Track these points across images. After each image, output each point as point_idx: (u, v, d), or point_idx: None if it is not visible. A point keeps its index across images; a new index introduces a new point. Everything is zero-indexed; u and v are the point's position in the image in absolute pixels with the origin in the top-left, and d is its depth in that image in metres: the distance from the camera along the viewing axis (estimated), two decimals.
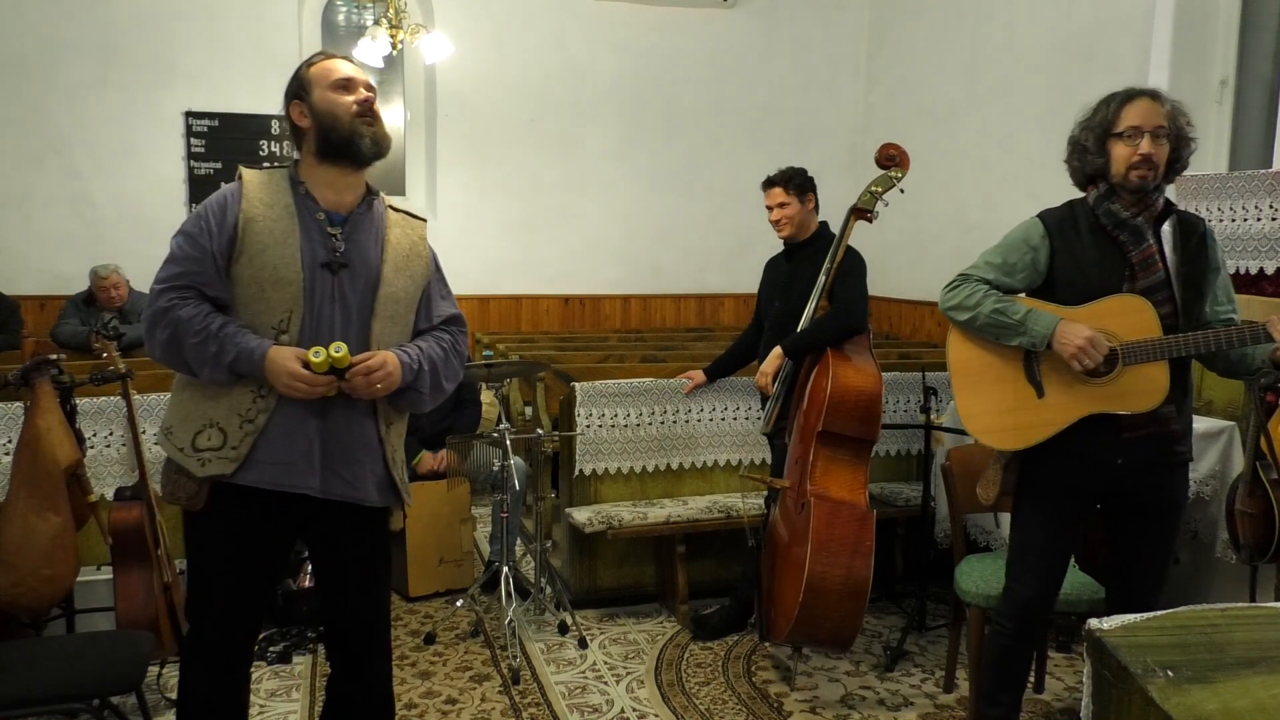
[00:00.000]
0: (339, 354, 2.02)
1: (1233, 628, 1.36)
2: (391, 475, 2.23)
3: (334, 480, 2.14)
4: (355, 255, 2.15)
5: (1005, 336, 2.47)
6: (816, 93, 7.52)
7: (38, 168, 6.12)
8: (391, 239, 2.22)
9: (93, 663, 2.46)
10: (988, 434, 2.53)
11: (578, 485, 4.08)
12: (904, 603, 4.08)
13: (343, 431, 2.14)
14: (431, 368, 2.21)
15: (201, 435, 2.09)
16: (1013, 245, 2.53)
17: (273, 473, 2.09)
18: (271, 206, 2.12)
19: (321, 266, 2.11)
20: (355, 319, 2.15)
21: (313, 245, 2.11)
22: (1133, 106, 2.38)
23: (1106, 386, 2.38)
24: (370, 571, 2.31)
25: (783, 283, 3.73)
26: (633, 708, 3.22)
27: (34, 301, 6.03)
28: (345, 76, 2.17)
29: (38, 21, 6.07)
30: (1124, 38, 4.84)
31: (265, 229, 2.09)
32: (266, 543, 2.20)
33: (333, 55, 2.23)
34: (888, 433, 4.32)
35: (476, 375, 3.82)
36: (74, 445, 2.98)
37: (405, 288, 2.23)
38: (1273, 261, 3.66)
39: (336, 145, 2.13)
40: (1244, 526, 3.17)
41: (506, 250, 7.09)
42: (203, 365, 2.05)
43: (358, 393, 2.09)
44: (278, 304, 2.08)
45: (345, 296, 2.13)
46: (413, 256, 2.26)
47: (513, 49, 6.96)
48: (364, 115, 2.14)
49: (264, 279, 2.07)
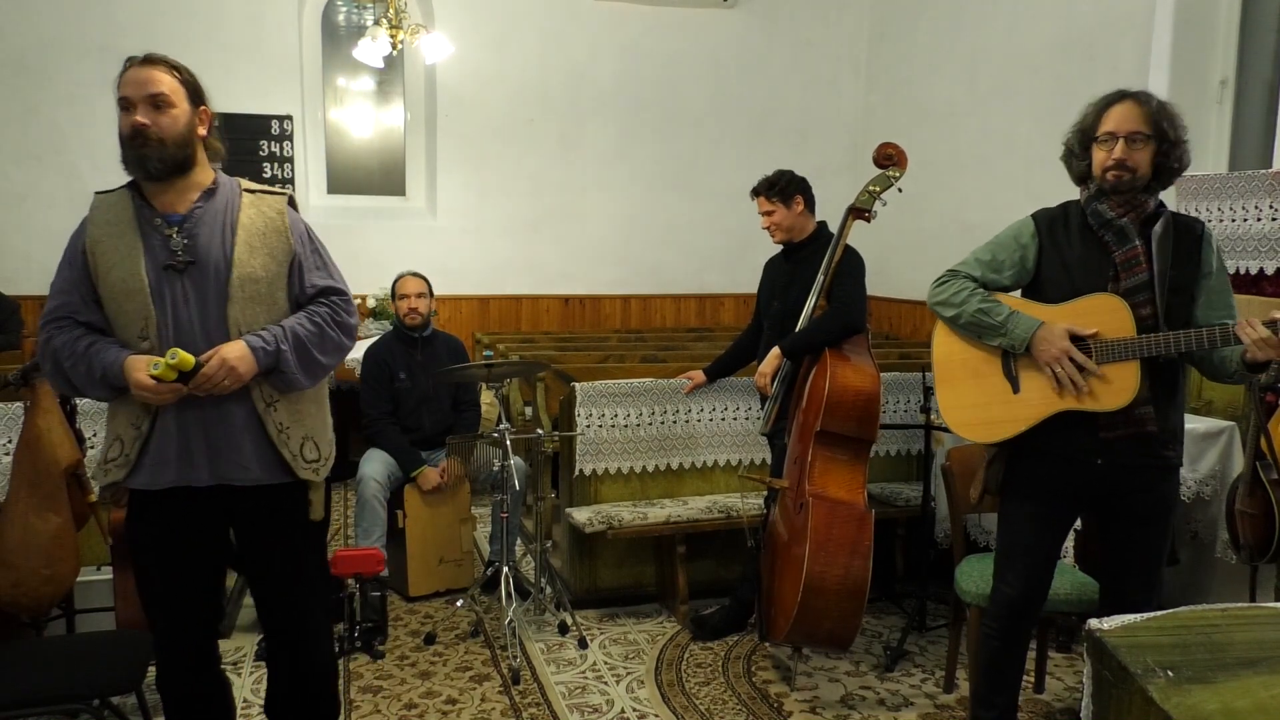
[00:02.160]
0: (174, 360, 2.06)
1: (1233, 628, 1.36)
2: (279, 452, 2.24)
3: (222, 466, 2.20)
4: (199, 249, 2.18)
5: (986, 336, 2.51)
6: (816, 93, 7.52)
7: (38, 167, 6.12)
8: (244, 220, 2.23)
9: (93, 663, 2.46)
10: (963, 427, 2.58)
11: (578, 485, 4.08)
12: (904, 603, 4.08)
13: (219, 419, 2.19)
14: (296, 344, 2.21)
15: (111, 448, 2.21)
16: (1003, 243, 2.58)
17: (154, 473, 2.18)
18: (115, 224, 2.18)
19: (164, 269, 2.16)
20: (212, 310, 2.18)
21: (153, 251, 2.16)
22: (1112, 111, 2.41)
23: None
24: (291, 555, 2.35)
25: (782, 283, 3.73)
26: (633, 708, 3.22)
27: (34, 301, 6.02)
28: (122, 96, 2.17)
29: (38, 21, 6.07)
30: (1124, 38, 4.84)
31: (110, 247, 2.16)
32: (192, 538, 2.26)
33: (135, 64, 2.18)
34: (888, 433, 4.32)
35: (476, 375, 3.82)
36: (74, 445, 2.98)
37: (264, 265, 2.23)
38: (1273, 261, 3.66)
39: (123, 162, 2.20)
40: (1244, 526, 3.17)
41: (506, 250, 7.09)
42: (85, 386, 2.17)
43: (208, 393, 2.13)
44: (134, 314, 2.15)
45: (198, 293, 2.17)
46: (269, 233, 2.25)
47: (513, 49, 6.97)
48: (133, 139, 2.14)
49: (118, 293, 2.15)
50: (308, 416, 2.30)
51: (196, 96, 2.23)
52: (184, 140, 2.18)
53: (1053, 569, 2.63)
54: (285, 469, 2.25)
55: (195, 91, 2.24)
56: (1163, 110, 2.40)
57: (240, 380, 2.14)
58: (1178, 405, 2.48)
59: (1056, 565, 2.71)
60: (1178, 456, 2.51)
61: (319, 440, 2.32)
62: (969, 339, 2.58)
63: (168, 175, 2.17)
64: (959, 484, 3.18)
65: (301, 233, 2.33)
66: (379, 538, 3.99)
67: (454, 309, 6.88)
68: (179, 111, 2.17)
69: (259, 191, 2.31)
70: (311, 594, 2.41)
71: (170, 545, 2.24)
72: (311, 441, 2.30)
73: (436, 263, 5.90)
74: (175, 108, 2.17)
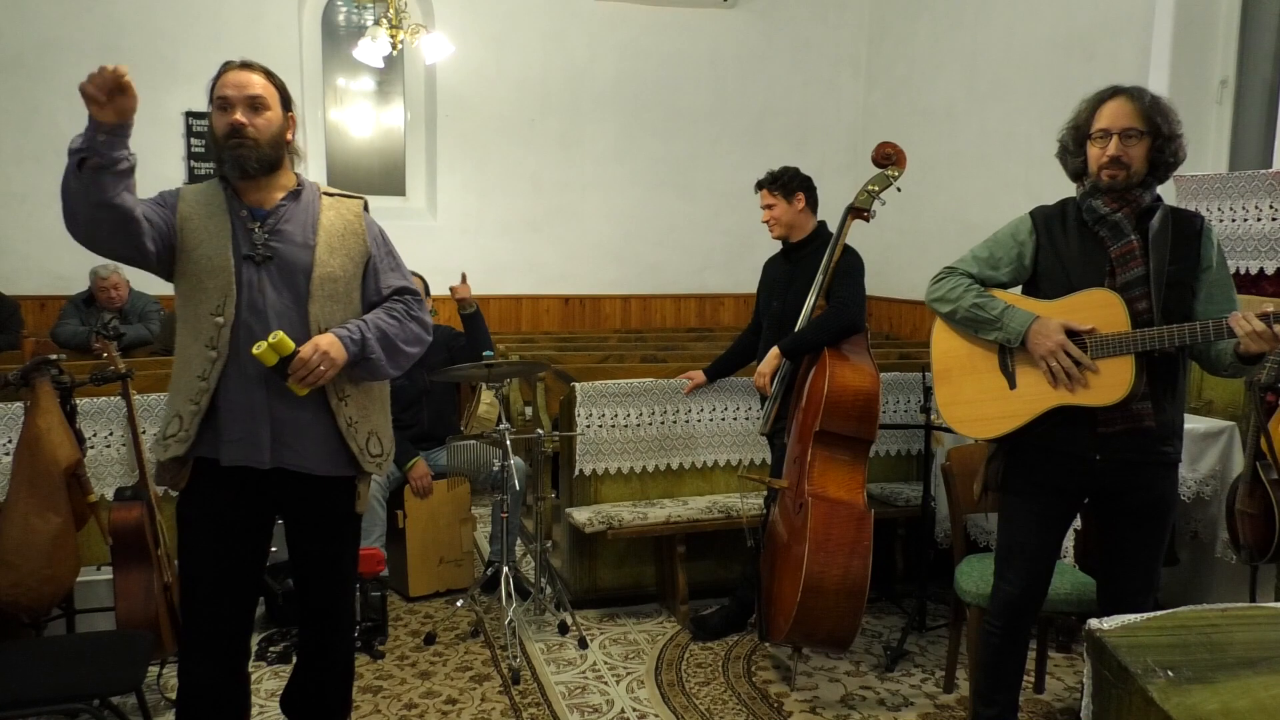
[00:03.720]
0: (275, 340, 2.13)
1: (1233, 628, 1.36)
2: (348, 445, 2.31)
3: (284, 452, 2.25)
4: (281, 246, 2.26)
5: (982, 330, 2.53)
6: (816, 93, 7.52)
7: (38, 167, 6.11)
8: (325, 222, 2.33)
9: (93, 663, 2.46)
10: (961, 423, 2.60)
11: (578, 485, 4.09)
12: (904, 603, 4.08)
13: (290, 406, 2.24)
14: (380, 334, 2.30)
15: (170, 424, 2.25)
16: (1000, 240, 2.60)
17: (217, 447, 2.23)
18: (206, 205, 2.27)
19: (245, 259, 2.24)
20: (291, 306, 2.26)
21: (238, 240, 2.25)
22: (1105, 108, 2.42)
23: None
24: (336, 549, 2.43)
25: (781, 283, 3.73)
26: (633, 708, 3.22)
27: (34, 301, 6.03)
28: (221, 97, 2.25)
29: (38, 21, 6.07)
30: (1124, 38, 4.84)
31: (200, 225, 2.24)
32: (244, 523, 2.31)
33: (233, 66, 2.27)
34: (888, 433, 4.32)
35: (477, 375, 3.82)
36: (74, 445, 2.98)
37: (343, 265, 2.32)
38: (1273, 261, 3.66)
39: (216, 161, 2.29)
40: (1244, 526, 3.17)
41: (506, 250, 7.09)
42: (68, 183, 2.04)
43: (308, 384, 2.19)
44: (214, 291, 2.22)
45: (278, 287, 2.25)
46: (348, 235, 2.35)
47: (513, 49, 6.97)
48: (231, 137, 2.22)
49: (201, 270, 2.22)
50: (374, 413, 2.40)
51: (287, 101, 2.33)
52: (276, 141, 2.27)
53: (1053, 566, 2.62)
54: (349, 462, 2.33)
55: (286, 96, 2.34)
56: (1156, 105, 2.40)
57: (336, 368, 2.21)
58: (1177, 401, 2.47)
59: (1056, 564, 2.71)
60: (1176, 452, 2.50)
61: (382, 436, 2.41)
62: (966, 335, 2.59)
63: (263, 174, 2.26)
64: (959, 484, 3.18)
65: (376, 235, 2.43)
66: (379, 538, 3.99)
67: (454, 309, 6.87)
68: (273, 114, 2.27)
69: (337, 195, 2.42)
70: (349, 586, 2.51)
71: (220, 526, 2.28)
72: (376, 437, 2.38)
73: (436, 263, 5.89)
74: (270, 110, 2.26)
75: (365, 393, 2.37)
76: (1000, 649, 2.63)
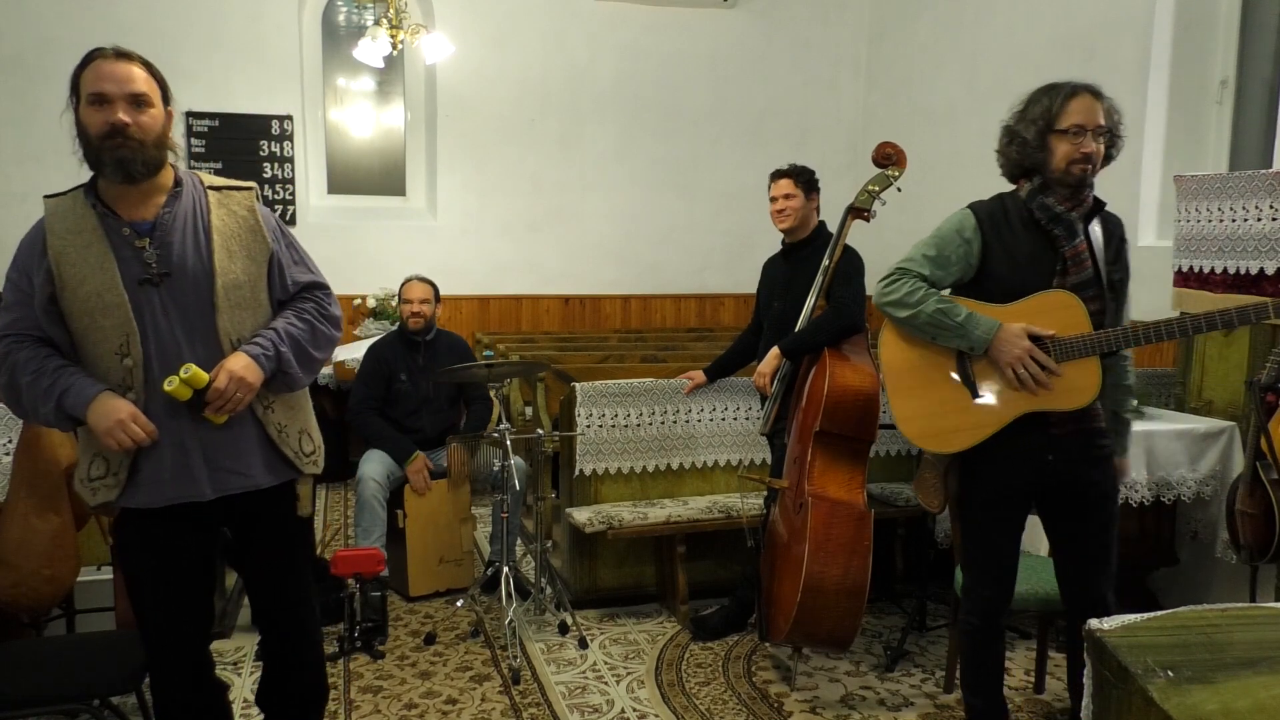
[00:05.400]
0: (188, 375, 2.01)
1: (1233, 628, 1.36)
2: (282, 451, 2.21)
3: (223, 477, 2.13)
4: (174, 259, 2.07)
5: (943, 338, 2.45)
6: (816, 93, 7.52)
7: (38, 167, 6.12)
8: (216, 223, 2.13)
9: (93, 663, 2.46)
10: (924, 438, 2.52)
11: (578, 485, 4.08)
12: (904, 603, 4.08)
13: (216, 430, 2.11)
14: (293, 344, 2.17)
15: (93, 465, 2.10)
16: (946, 238, 2.49)
17: (153, 491, 2.09)
18: (78, 234, 2.05)
19: (140, 284, 2.04)
20: (197, 323, 2.09)
21: (126, 263, 2.04)
22: (1075, 104, 2.37)
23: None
24: (287, 553, 2.33)
25: (781, 283, 3.73)
26: (633, 708, 3.22)
27: None
28: (97, 92, 2.01)
29: (38, 21, 6.08)
30: (1124, 38, 4.84)
31: (78, 259, 2.03)
32: (185, 548, 2.19)
33: (107, 56, 2.04)
34: (888, 433, 4.29)
35: (477, 375, 3.82)
36: (74, 446, 2.97)
37: (245, 269, 2.15)
38: (1273, 261, 3.65)
39: (91, 163, 2.05)
40: (1244, 526, 3.17)
41: (507, 250, 7.10)
42: (35, 406, 2.04)
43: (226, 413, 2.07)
44: (112, 330, 2.04)
45: (178, 306, 2.08)
46: (243, 233, 2.17)
47: (513, 49, 6.97)
48: (110, 137, 2.00)
49: (92, 308, 2.03)
50: (300, 411, 2.28)
51: (165, 94, 2.12)
52: (160, 141, 2.07)
53: (1017, 565, 2.63)
54: (287, 467, 2.23)
55: (165, 89, 2.12)
56: (1112, 106, 2.43)
57: (253, 392, 2.08)
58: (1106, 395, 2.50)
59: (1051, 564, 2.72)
60: (1111, 444, 2.56)
61: (312, 432, 2.31)
62: (916, 343, 2.51)
63: (146, 177, 2.06)
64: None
65: (274, 228, 2.24)
66: (379, 538, 3.99)
67: (454, 309, 6.88)
68: (157, 111, 2.07)
69: (224, 188, 2.20)
70: (305, 584, 2.40)
71: (162, 556, 2.17)
72: (306, 434, 2.28)
73: (436, 263, 5.91)
74: (154, 107, 2.06)
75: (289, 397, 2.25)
76: (981, 642, 2.65)
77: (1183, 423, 3.66)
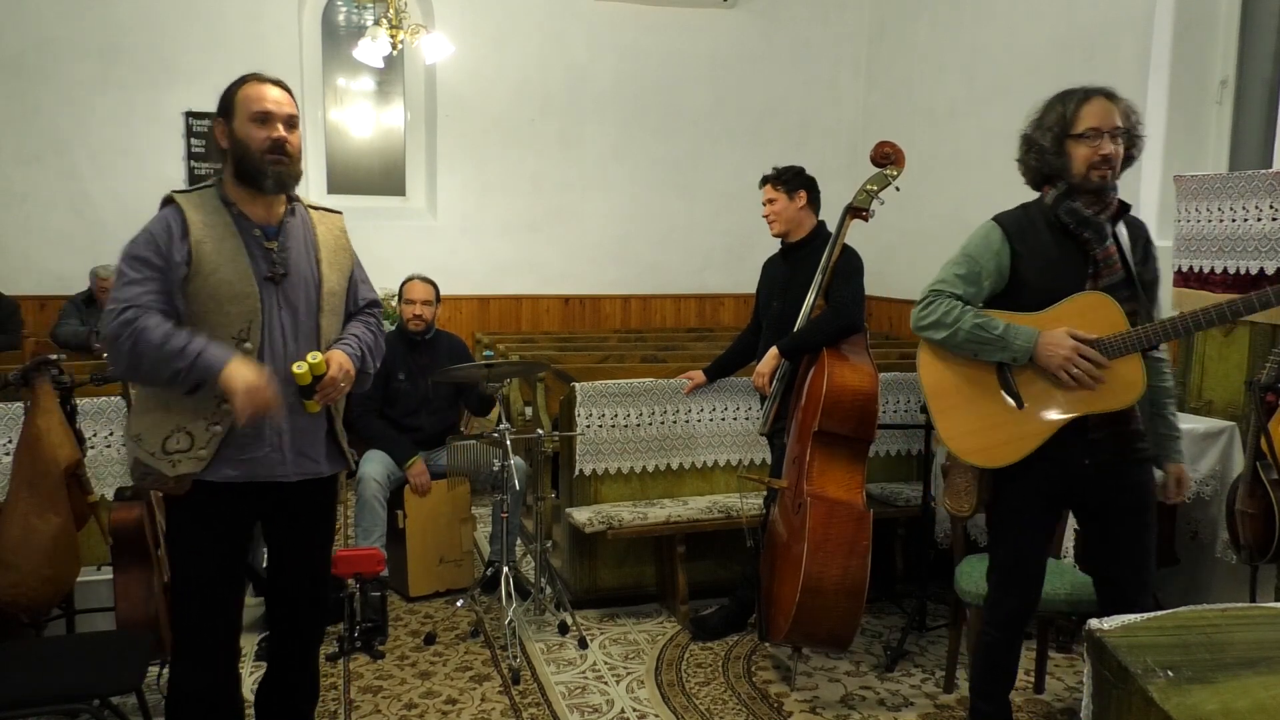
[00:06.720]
0: (315, 361, 2.26)
1: (1233, 628, 1.36)
2: (339, 443, 2.48)
3: (303, 462, 2.38)
4: (292, 263, 2.34)
5: (985, 353, 2.44)
6: (816, 93, 7.52)
7: (38, 168, 6.13)
8: (320, 238, 2.43)
9: (93, 663, 2.46)
10: (976, 454, 2.49)
11: (578, 485, 4.08)
12: (904, 603, 4.08)
13: (300, 416, 2.35)
14: (369, 349, 2.46)
15: (170, 439, 2.25)
16: (975, 254, 2.49)
17: (243, 468, 2.30)
18: (213, 227, 2.27)
19: (265, 280, 2.29)
20: (304, 321, 2.35)
21: (255, 260, 2.29)
22: (1091, 106, 2.39)
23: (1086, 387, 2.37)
24: (320, 540, 2.58)
25: (780, 283, 3.73)
26: (633, 708, 3.22)
27: (34, 301, 6.03)
28: (263, 111, 2.28)
29: (38, 21, 6.08)
30: (1124, 38, 4.84)
31: (214, 249, 2.25)
32: (235, 529, 2.39)
33: (264, 81, 2.31)
34: (888, 433, 4.32)
35: (477, 375, 3.82)
36: (74, 445, 2.97)
37: (339, 280, 2.45)
38: (1273, 261, 3.65)
39: (247, 174, 2.30)
40: (1244, 526, 3.17)
41: (507, 250, 7.10)
42: (156, 369, 2.17)
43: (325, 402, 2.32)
44: (237, 316, 2.25)
45: (290, 303, 2.33)
46: (338, 249, 2.47)
47: (513, 49, 6.97)
48: (273, 152, 2.27)
49: (221, 295, 2.24)
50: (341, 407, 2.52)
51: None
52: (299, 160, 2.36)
53: (1045, 573, 2.62)
54: (341, 459, 2.49)
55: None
56: (1129, 107, 2.44)
57: (351, 384, 2.35)
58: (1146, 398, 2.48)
59: (1056, 564, 2.71)
60: (1150, 448, 2.52)
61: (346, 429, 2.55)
62: (954, 361, 2.50)
63: (290, 189, 2.35)
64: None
65: (353, 250, 2.55)
66: (379, 538, 3.99)
67: (454, 309, 6.88)
68: (298, 133, 2.36)
69: (320, 209, 2.50)
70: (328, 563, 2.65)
71: (215, 535, 2.34)
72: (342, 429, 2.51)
73: (436, 263, 5.90)
74: (298, 129, 2.35)
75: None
76: (1002, 653, 2.63)
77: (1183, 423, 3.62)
